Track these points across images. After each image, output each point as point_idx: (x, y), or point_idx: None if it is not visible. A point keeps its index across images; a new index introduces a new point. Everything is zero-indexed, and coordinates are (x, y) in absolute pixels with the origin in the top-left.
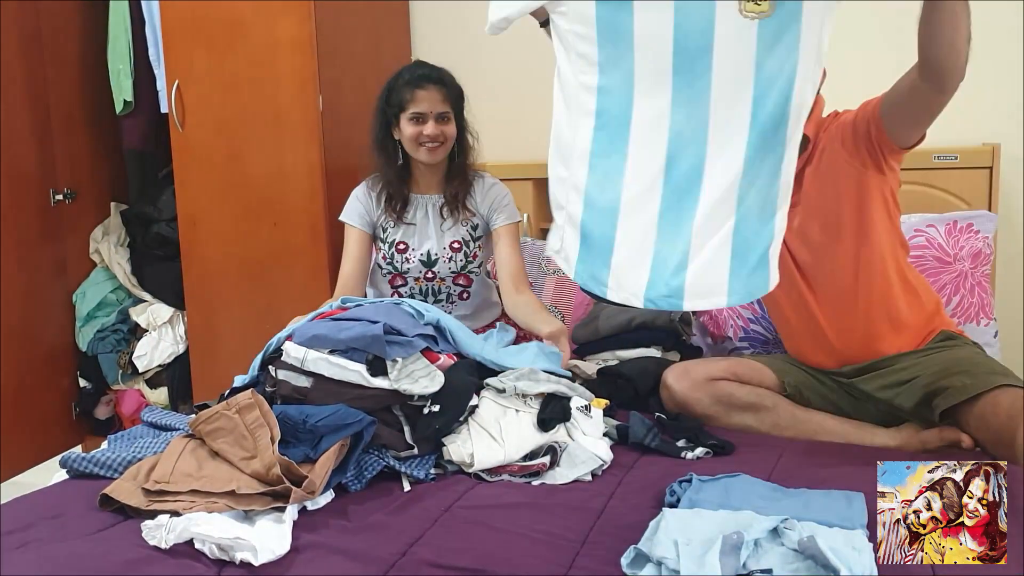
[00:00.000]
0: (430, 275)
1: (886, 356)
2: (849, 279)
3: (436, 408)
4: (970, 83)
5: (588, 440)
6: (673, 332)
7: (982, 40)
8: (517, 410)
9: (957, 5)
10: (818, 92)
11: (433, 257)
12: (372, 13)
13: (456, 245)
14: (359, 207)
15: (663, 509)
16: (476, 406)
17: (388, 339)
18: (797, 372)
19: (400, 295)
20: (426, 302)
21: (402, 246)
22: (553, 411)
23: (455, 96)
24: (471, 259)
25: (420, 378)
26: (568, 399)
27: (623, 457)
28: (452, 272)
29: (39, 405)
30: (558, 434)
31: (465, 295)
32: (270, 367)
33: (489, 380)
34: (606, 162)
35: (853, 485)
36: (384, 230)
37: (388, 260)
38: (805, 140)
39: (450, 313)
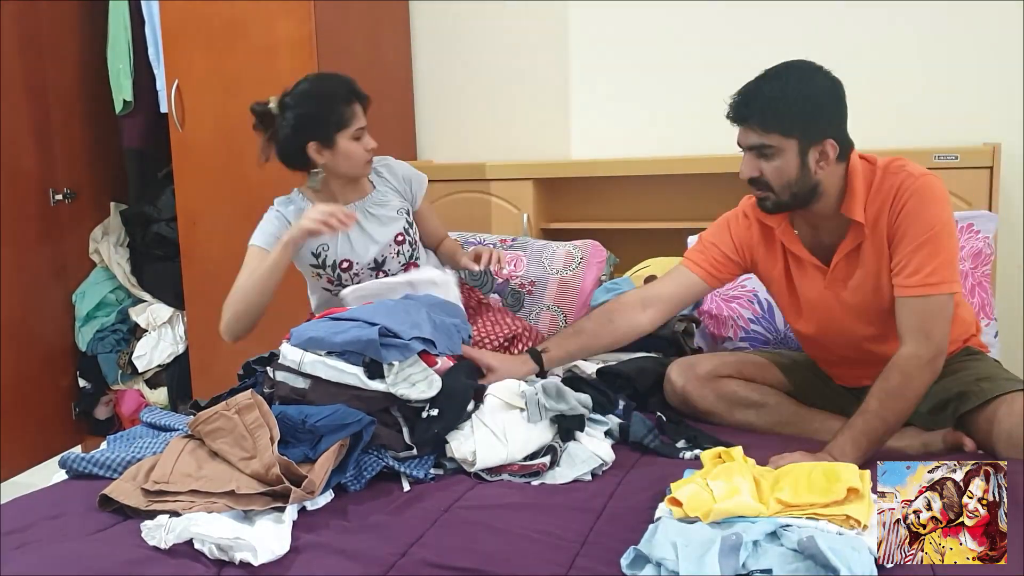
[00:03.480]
0: (381, 275)
1: None
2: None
3: (435, 412)
4: (970, 83)
5: (588, 440)
6: (675, 343)
7: (982, 40)
8: (522, 409)
9: None
10: (847, 162)
11: (381, 259)
12: (372, 13)
13: (400, 238)
14: (279, 232)
15: (659, 512)
16: (474, 410)
17: (384, 342)
18: (804, 372)
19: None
20: None
21: (345, 264)
22: (572, 421)
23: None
24: (414, 246)
25: (417, 382)
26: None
27: (623, 457)
28: (402, 265)
29: (39, 405)
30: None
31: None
32: (268, 368)
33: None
34: None
35: None
36: (317, 256)
37: (336, 282)
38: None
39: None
